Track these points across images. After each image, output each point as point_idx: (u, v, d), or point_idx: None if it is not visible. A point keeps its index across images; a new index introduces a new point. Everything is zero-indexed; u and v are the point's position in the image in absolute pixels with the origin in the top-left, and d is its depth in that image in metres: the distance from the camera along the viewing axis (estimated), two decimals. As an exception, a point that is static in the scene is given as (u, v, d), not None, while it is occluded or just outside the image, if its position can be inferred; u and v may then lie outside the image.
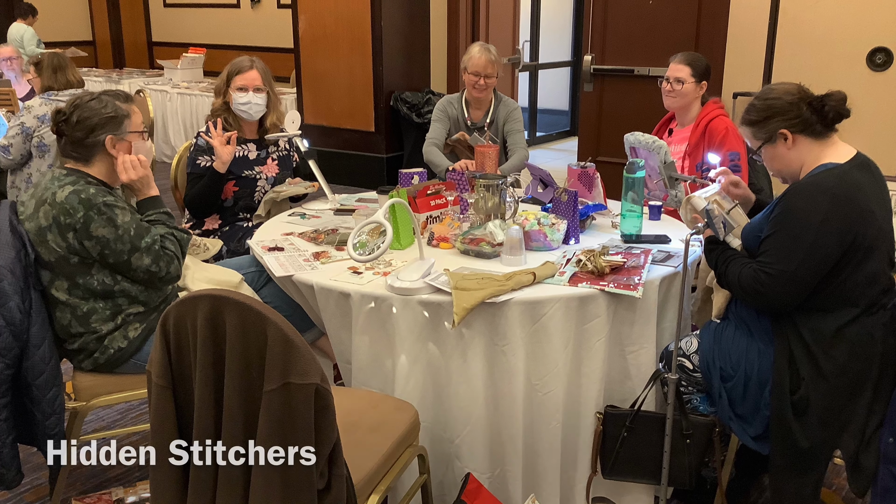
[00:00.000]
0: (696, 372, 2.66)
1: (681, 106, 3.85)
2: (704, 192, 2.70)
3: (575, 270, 2.74)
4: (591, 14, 5.99)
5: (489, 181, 3.14)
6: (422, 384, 2.62)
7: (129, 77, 10.00)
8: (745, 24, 5.30)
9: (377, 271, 2.77)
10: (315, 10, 7.66)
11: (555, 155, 10.12)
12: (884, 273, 2.47)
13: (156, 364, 1.91)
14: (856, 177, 2.43)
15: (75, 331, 2.69)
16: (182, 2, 11.21)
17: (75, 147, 2.70)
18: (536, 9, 10.56)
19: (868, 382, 2.39)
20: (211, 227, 3.76)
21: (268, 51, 9.73)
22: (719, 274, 2.61)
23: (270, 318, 1.77)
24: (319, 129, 7.79)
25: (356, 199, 3.82)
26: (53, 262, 2.61)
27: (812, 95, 2.51)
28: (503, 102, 4.50)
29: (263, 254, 3.01)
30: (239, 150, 3.73)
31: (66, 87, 4.91)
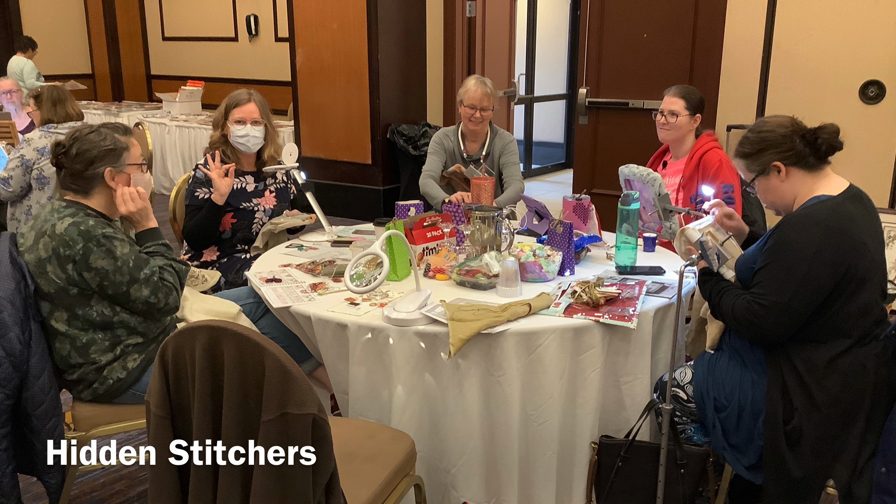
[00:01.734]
0: (691, 402, 2.67)
1: (675, 138, 3.89)
2: (698, 224, 2.72)
3: (570, 302, 2.76)
4: (585, 47, 6.05)
5: (485, 213, 3.17)
6: (418, 414, 2.64)
7: (127, 110, 10.05)
8: (738, 58, 5.35)
9: (374, 302, 2.78)
10: (312, 44, 7.72)
11: (550, 187, 10.16)
12: (876, 304, 2.49)
13: (154, 394, 1.92)
14: (848, 209, 2.45)
15: (74, 361, 2.70)
16: (181, 35, 11.29)
17: (74, 179, 2.72)
18: (532, 42, 10.64)
19: (860, 412, 2.40)
20: (209, 259, 3.77)
21: (265, 84, 9.80)
22: (713, 305, 2.62)
23: (268, 348, 1.78)
24: (317, 161, 7.83)
25: (353, 231, 3.83)
26: (53, 294, 2.62)
27: (805, 128, 2.53)
28: (499, 135, 4.53)
29: (261, 285, 3.02)
30: (237, 183, 3.76)
31: (66, 119, 4.95)
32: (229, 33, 10.66)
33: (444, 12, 7.48)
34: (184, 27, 11.23)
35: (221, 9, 10.62)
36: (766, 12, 5.17)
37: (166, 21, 11.44)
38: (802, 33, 5.07)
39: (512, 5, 8.00)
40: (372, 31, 7.28)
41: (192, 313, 2.98)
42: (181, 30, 11.29)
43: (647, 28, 5.72)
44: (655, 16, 5.67)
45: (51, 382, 2.59)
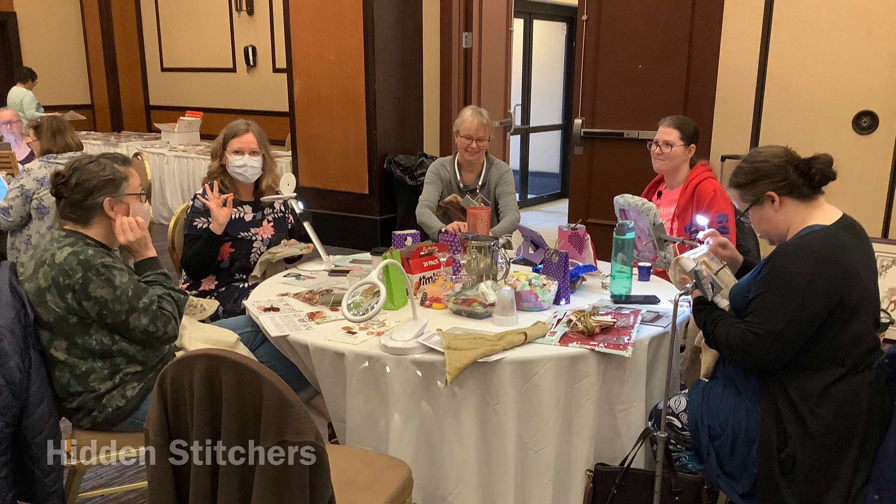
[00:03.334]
0: (685, 430, 2.69)
1: (669, 168, 3.92)
2: (693, 254, 2.74)
3: (566, 330, 2.78)
4: (581, 78, 6.09)
5: (481, 242, 3.19)
6: (415, 442, 2.65)
7: (126, 140, 10.09)
8: (732, 89, 5.39)
9: (371, 331, 2.80)
10: (310, 75, 7.78)
11: (545, 217, 10.21)
12: (869, 333, 2.50)
13: (153, 422, 1.93)
14: (842, 238, 2.47)
15: (74, 390, 2.71)
16: (179, 66, 11.37)
17: (74, 209, 2.74)
18: (528, 73, 10.74)
19: (854, 440, 2.41)
20: (207, 288, 3.79)
21: (263, 114, 9.86)
22: (707, 334, 2.64)
23: (266, 377, 1.80)
24: (314, 191, 7.87)
25: (350, 261, 3.85)
26: (52, 323, 2.64)
27: (799, 158, 2.56)
28: (495, 165, 4.57)
29: (259, 314, 3.04)
30: (235, 212, 3.79)
31: (65, 150, 4.98)
32: (227, 64, 10.73)
33: (440, 44, 7.55)
34: (182, 58, 11.31)
35: (220, 40, 10.70)
36: (759, 43, 5.21)
37: (165, 52, 11.52)
38: (796, 64, 5.11)
39: (508, 37, 8.07)
40: (369, 62, 7.34)
41: (191, 342, 2.99)
42: (180, 60, 11.37)
43: (641, 59, 5.77)
44: (650, 47, 5.72)
45: (50, 410, 2.59)
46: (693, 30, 5.54)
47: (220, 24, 10.61)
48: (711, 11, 5.40)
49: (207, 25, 10.80)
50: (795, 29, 5.09)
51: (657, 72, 5.74)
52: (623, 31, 5.84)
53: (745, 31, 5.28)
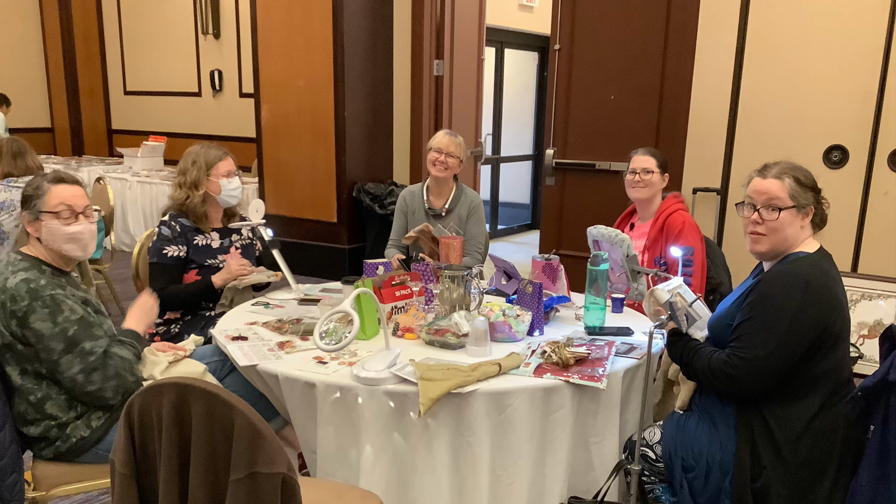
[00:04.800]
0: (659, 462, 2.70)
1: (648, 197, 3.97)
2: (667, 286, 2.77)
3: (540, 362, 2.80)
4: (553, 108, 6.15)
5: (454, 272, 3.21)
6: (387, 474, 2.64)
7: (88, 164, 9.99)
8: (704, 121, 5.46)
9: (342, 361, 2.80)
10: (277, 100, 7.78)
11: (516, 248, 10.25)
12: (846, 363, 2.57)
13: (119, 453, 1.92)
14: (826, 267, 2.55)
15: (32, 417, 2.67)
16: (143, 89, 11.31)
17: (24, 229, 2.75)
18: (499, 102, 10.82)
19: (829, 471, 2.46)
20: (172, 317, 3.76)
21: (230, 140, 9.85)
22: (685, 364, 2.67)
23: (237, 406, 1.79)
24: (281, 219, 7.84)
25: (320, 290, 3.85)
26: (3, 347, 2.61)
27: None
28: (465, 193, 4.58)
29: (227, 343, 3.03)
30: (202, 239, 3.77)
31: (26, 172, 4.96)
32: (192, 88, 10.70)
33: (411, 71, 7.58)
34: (146, 81, 11.26)
35: (185, 63, 10.67)
36: (731, 76, 5.30)
37: (128, 74, 11.45)
38: (768, 97, 5.20)
39: (479, 65, 8.13)
40: (339, 89, 7.35)
41: (158, 371, 2.96)
42: (143, 83, 11.31)
43: (614, 90, 5.84)
44: (623, 78, 5.80)
45: (11, 438, 2.57)
46: (666, 62, 5.63)
47: (186, 47, 10.59)
48: (684, 44, 5.50)
49: (172, 48, 10.77)
50: (767, 62, 5.19)
51: (630, 103, 5.81)
52: (596, 62, 5.91)
53: (717, 63, 5.38)
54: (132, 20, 11.17)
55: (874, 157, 4.93)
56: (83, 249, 2.81)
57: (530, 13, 10.74)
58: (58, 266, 2.77)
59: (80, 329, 2.65)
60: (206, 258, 3.77)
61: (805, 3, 5.03)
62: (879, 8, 4.80)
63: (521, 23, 10.64)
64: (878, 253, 4.98)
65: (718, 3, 5.33)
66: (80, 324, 2.66)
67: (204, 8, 10.22)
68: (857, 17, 4.87)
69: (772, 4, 5.13)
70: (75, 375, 2.63)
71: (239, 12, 9.91)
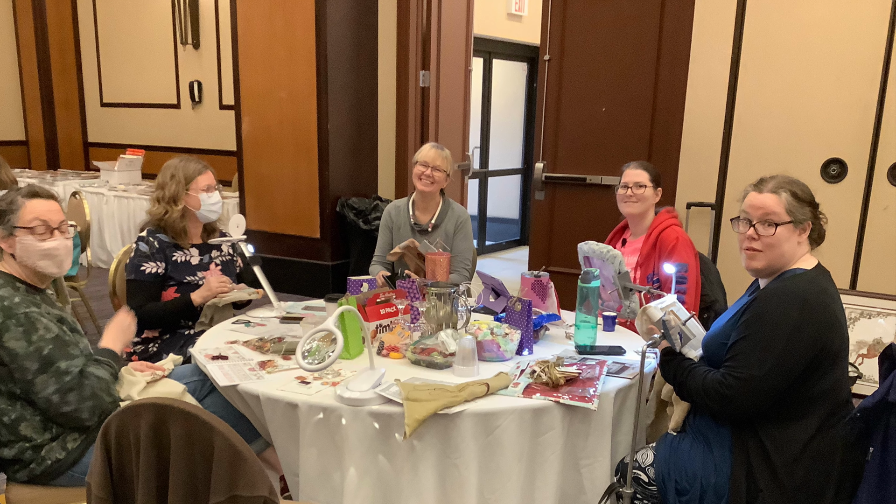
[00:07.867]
0: (652, 485, 2.71)
1: (641, 212, 3.98)
2: (660, 303, 2.78)
3: (529, 382, 2.80)
4: (543, 120, 6.17)
5: (441, 290, 3.21)
6: (371, 498, 2.63)
7: (63, 178, 9.93)
8: (699, 134, 5.47)
9: (326, 381, 2.80)
10: (259, 113, 7.77)
11: (504, 264, 10.26)
12: (845, 382, 2.58)
13: (96, 475, 1.92)
14: (824, 284, 2.56)
15: (6, 439, 2.66)
16: (120, 101, 11.28)
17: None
18: (487, 114, 10.84)
19: (827, 494, 2.46)
20: (150, 336, 3.75)
21: (209, 153, 9.83)
22: (679, 384, 2.68)
23: (217, 427, 1.80)
24: (262, 234, 7.83)
25: (303, 307, 3.85)
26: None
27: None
28: (452, 209, 4.60)
29: (207, 362, 3.02)
30: (181, 255, 3.77)
31: (0, 187, 4.94)
32: (171, 100, 10.68)
33: (396, 81, 7.60)
34: (123, 92, 11.23)
35: (163, 74, 10.66)
36: (727, 89, 5.32)
37: (105, 86, 11.42)
38: (764, 110, 5.21)
39: (467, 76, 8.16)
40: (322, 101, 7.35)
41: (136, 391, 2.96)
42: (121, 95, 11.28)
43: (606, 101, 5.86)
44: (615, 89, 5.82)
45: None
46: (659, 72, 5.65)
47: (164, 58, 10.58)
48: (678, 54, 5.52)
49: (150, 58, 10.75)
50: (763, 73, 5.22)
51: (622, 115, 5.83)
52: (587, 72, 5.94)
53: (712, 74, 5.40)
54: (109, 30, 11.14)
55: (873, 171, 4.95)
56: (58, 266, 2.81)
57: (519, 22, 10.78)
58: (32, 283, 2.77)
59: (55, 348, 2.64)
60: (185, 275, 3.77)
61: (802, 12, 5.06)
62: (878, 16, 4.83)
63: (509, 32, 10.67)
64: (878, 270, 5.00)
65: (713, 12, 5.36)
66: (55, 343, 2.65)
67: (183, 17, 10.22)
68: (855, 26, 4.90)
69: (768, 13, 5.16)
70: (50, 396, 2.62)
71: (219, 22, 9.89)
